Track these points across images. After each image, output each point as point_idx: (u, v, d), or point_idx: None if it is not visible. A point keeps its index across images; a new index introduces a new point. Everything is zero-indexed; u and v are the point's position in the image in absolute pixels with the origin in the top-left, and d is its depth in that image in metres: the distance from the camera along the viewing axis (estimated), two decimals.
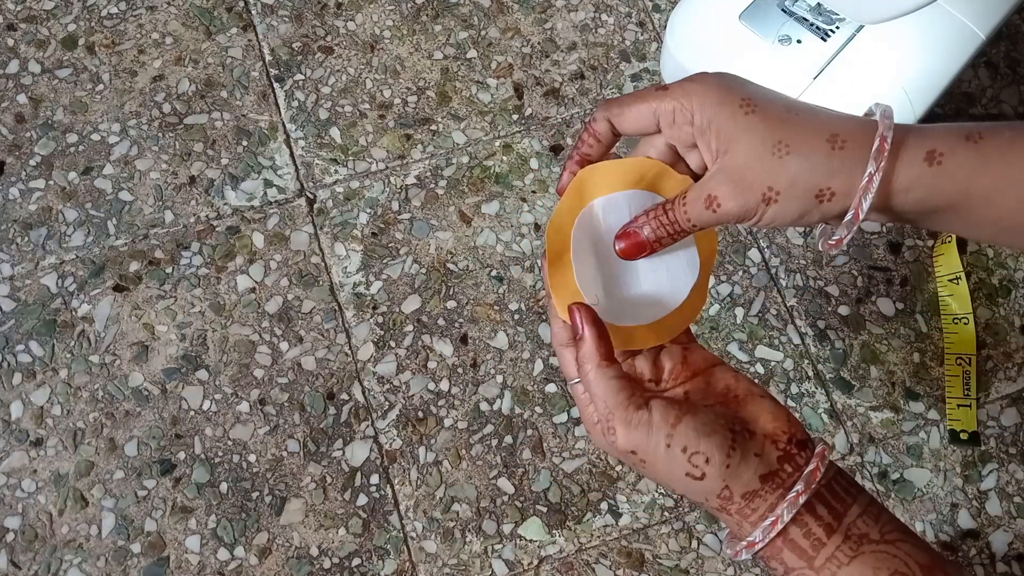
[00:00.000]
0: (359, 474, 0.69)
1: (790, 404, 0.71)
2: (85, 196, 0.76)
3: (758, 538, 0.35)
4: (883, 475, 0.70)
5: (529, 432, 0.70)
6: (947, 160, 0.35)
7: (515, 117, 0.80)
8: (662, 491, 0.69)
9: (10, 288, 0.73)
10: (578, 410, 0.41)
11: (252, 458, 0.69)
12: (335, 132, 0.79)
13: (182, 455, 0.69)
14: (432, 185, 0.77)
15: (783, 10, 0.71)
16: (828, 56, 0.70)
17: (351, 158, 0.78)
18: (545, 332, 0.73)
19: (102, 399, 0.70)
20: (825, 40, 0.70)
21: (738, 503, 0.35)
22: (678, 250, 0.41)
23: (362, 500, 0.68)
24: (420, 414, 0.70)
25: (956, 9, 0.70)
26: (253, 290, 0.74)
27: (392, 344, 0.72)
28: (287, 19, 0.83)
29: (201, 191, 0.77)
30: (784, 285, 0.75)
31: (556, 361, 0.72)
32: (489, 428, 0.70)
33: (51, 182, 0.76)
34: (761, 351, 0.73)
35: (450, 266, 0.75)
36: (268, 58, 0.81)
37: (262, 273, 0.74)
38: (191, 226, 0.75)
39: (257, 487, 0.68)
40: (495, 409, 0.71)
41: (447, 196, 0.77)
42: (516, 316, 0.73)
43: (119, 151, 0.78)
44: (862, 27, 0.70)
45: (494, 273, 0.75)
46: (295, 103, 0.80)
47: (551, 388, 0.71)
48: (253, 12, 0.83)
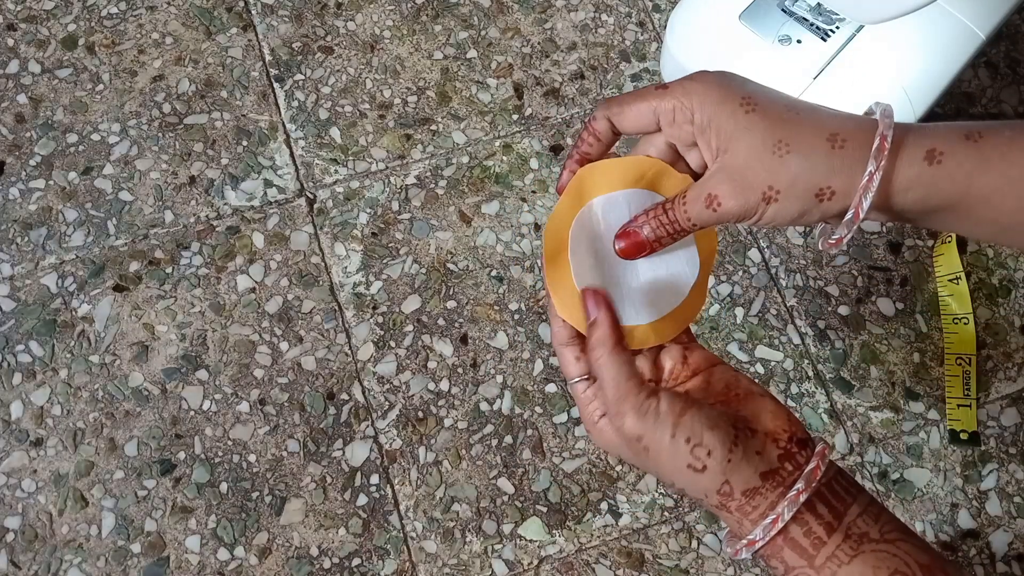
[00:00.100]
0: (359, 474, 0.69)
1: (790, 404, 0.71)
2: (85, 196, 0.76)
3: (758, 536, 0.35)
4: (883, 475, 0.70)
5: (529, 432, 0.70)
6: (947, 159, 0.35)
7: (515, 117, 0.80)
8: (662, 491, 0.69)
9: (10, 288, 0.73)
10: (578, 409, 0.40)
11: (252, 458, 0.69)
12: (335, 132, 0.79)
13: (182, 455, 0.69)
14: (432, 185, 0.77)
15: (783, 10, 0.71)
16: (828, 56, 0.70)
17: (351, 158, 0.78)
18: (545, 332, 0.73)
19: (102, 399, 0.70)
20: (825, 40, 0.70)
21: (738, 500, 0.35)
22: (678, 249, 0.41)
23: (362, 500, 0.68)
24: (420, 414, 0.70)
25: (956, 9, 0.70)
26: (253, 290, 0.74)
27: (392, 344, 0.72)
28: (287, 19, 0.83)
29: (201, 191, 0.77)
30: (784, 285, 0.75)
31: (556, 361, 0.72)
32: (489, 428, 0.70)
33: (51, 182, 0.76)
34: (761, 351, 0.73)
35: (450, 266, 0.75)
36: (268, 58, 0.81)
37: (262, 273, 0.74)
38: (191, 226, 0.75)
39: (257, 487, 0.68)
40: (495, 409, 0.71)
41: (447, 196, 0.77)
42: (516, 316, 0.73)
43: (119, 151, 0.78)
44: (862, 27, 0.70)
45: (494, 273, 0.75)
46: (295, 103, 0.80)
47: (551, 388, 0.71)
48: (253, 12, 0.83)
